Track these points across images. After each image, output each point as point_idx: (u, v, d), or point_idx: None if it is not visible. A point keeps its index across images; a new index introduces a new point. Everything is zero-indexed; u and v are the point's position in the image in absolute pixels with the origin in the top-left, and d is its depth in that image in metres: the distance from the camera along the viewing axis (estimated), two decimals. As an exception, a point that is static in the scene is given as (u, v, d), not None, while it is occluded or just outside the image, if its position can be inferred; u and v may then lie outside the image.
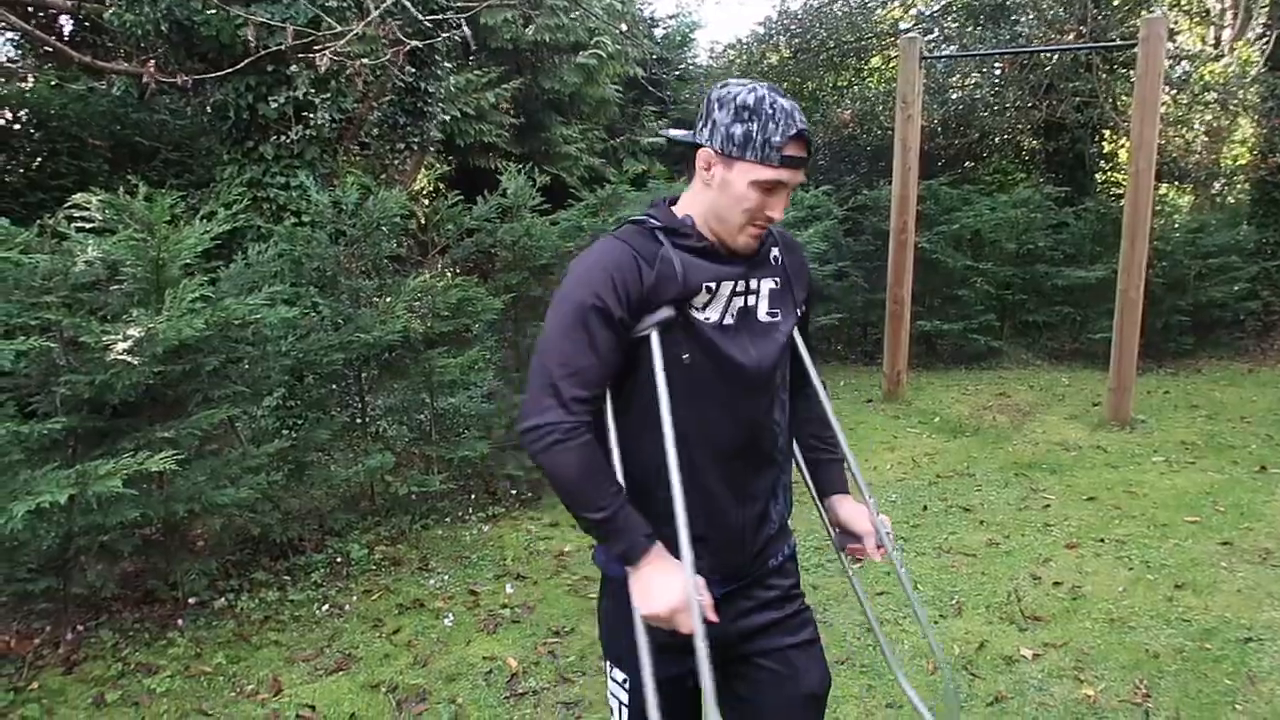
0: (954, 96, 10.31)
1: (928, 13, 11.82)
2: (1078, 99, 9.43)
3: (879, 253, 8.87)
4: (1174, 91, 10.24)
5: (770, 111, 1.53)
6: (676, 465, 1.53)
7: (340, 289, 4.55)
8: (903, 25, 11.88)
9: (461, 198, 5.40)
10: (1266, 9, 10.56)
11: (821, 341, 9.15)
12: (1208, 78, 10.46)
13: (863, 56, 12.08)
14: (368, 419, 4.68)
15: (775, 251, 1.71)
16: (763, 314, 1.67)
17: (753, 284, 1.65)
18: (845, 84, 12.10)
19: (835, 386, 8.01)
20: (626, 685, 1.67)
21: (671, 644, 1.53)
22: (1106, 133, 10.55)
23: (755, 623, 1.69)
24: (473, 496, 4.99)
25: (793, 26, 11.50)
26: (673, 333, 1.58)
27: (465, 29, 5.80)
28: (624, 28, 10.48)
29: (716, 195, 1.59)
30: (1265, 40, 10.46)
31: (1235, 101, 10.18)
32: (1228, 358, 9.41)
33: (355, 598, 3.90)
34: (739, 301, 1.63)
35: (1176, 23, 11.84)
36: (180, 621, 3.60)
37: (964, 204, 9.13)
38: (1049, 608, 3.81)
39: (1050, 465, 5.78)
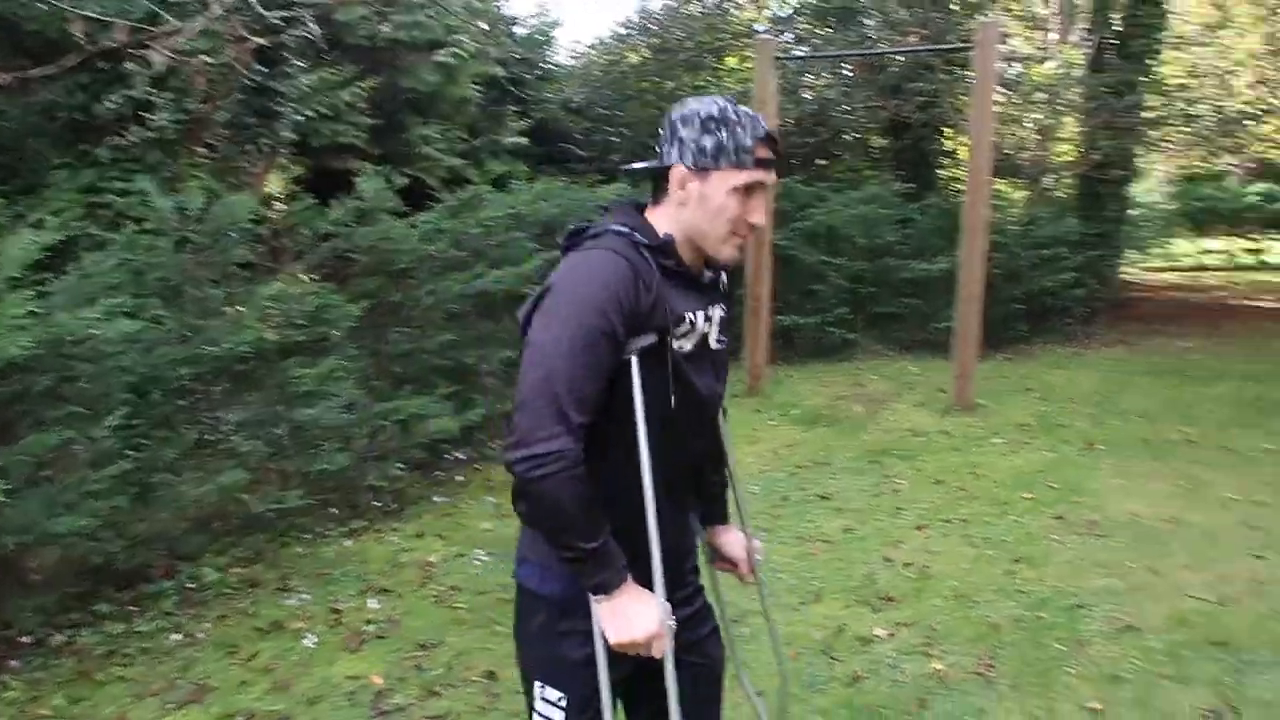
0: (807, 96, 10.66)
1: (781, 14, 12.17)
2: (921, 99, 9.91)
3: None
4: (1008, 92, 10.90)
5: (736, 118, 1.57)
6: (653, 492, 1.57)
7: (186, 299, 4.34)
8: (757, 26, 12.21)
9: (317, 201, 5.24)
10: (1087, 15, 11.37)
11: (687, 337, 9.30)
12: (1037, 79, 11.16)
13: (720, 57, 12.34)
14: (219, 435, 4.49)
15: (724, 277, 1.75)
16: (713, 341, 1.71)
17: (710, 312, 1.68)
18: (704, 84, 12.33)
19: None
20: (563, 703, 1.66)
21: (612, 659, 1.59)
22: (948, 131, 11.11)
23: (679, 617, 1.76)
24: (333, 511, 4.86)
25: (652, 26, 11.64)
26: (648, 360, 1.57)
27: (314, 26, 5.62)
28: (484, 26, 10.37)
29: (695, 211, 1.60)
30: (1087, 44, 11.27)
31: (1061, 102, 10.91)
32: (1057, 343, 10.10)
33: (209, 624, 3.74)
34: (701, 330, 1.66)
35: (1008, 27, 12.58)
36: (14, 663, 3.38)
37: (818, 201, 9.45)
38: (901, 588, 4.02)
39: (901, 451, 6.08)
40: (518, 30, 13.52)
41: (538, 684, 1.69)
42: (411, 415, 4.85)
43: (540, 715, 1.69)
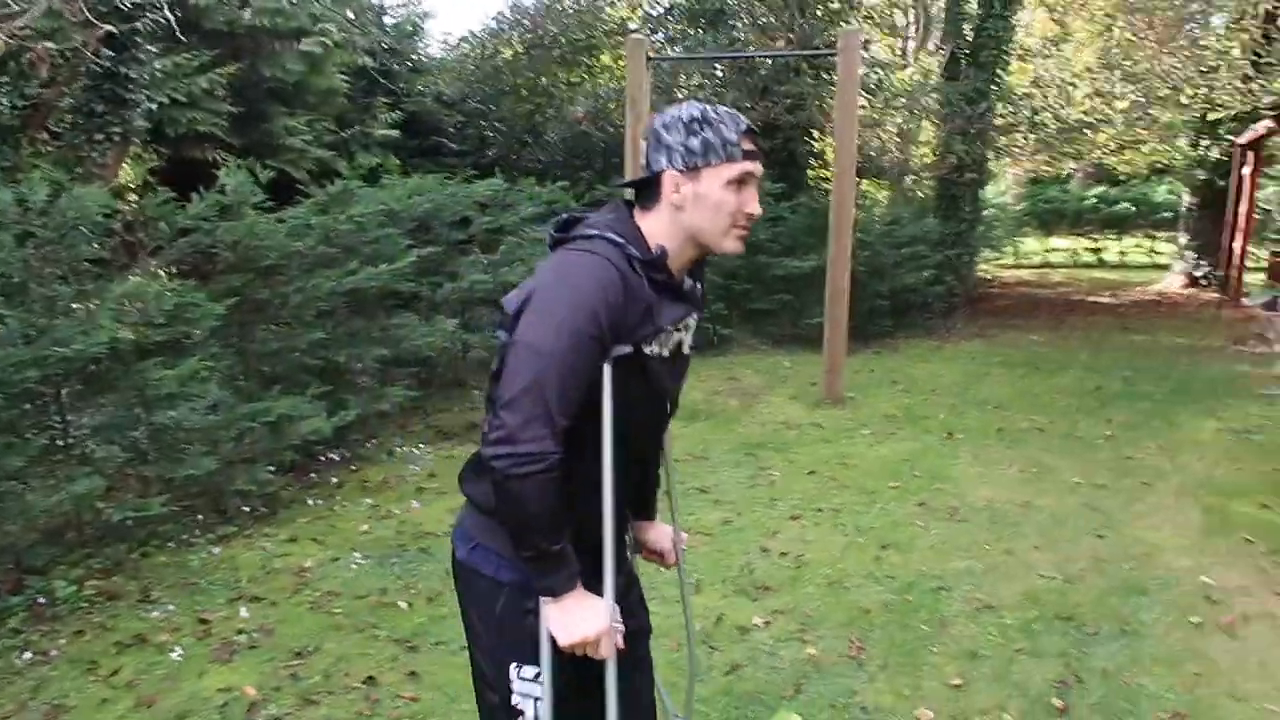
0: (680, 96, 10.81)
1: (653, 14, 12.29)
2: (789, 101, 10.19)
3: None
4: (870, 97, 11.34)
5: (717, 116, 1.62)
6: (613, 494, 1.62)
7: (31, 297, 4.07)
8: (631, 25, 12.29)
9: (174, 194, 4.98)
10: (942, 26, 11.94)
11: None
12: (897, 84, 11.66)
13: (593, 54, 12.37)
14: (71, 440, 4.23)
15: (700, 287, 1.79)
16: (686, 348, 1.76)
17: (689, 320, 1.73)
18: (578, 80, 12.34)
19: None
20: (542, 678, 1.68)
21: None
22: (815, 133, 11.47)
23: (630, 600, 1.88)
24: (200, 517, 4.65)
25: (525, 21, 11.57)
26: (620, 367, 1.60)
27: (166, 12, 5.34)
28: (350, 15, 10.08)
29: (693, 211, 1.62)
30: (941, 53, 11.83)
31: (919, 107, 11.43)
32: (919, 337, 10.59)
33: (64, 640, 3.52)
34: (677, 337, 1.70)
35: (869, 35, 13.09)
36: None
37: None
38: (777, 577, 4.15)
39: (776, 444, 6.26)
40: (387, 20, 13.21)
41: (514, 666, 1.70)
42: (281, 416, 4.69)
43: (521, 695, 1.70)
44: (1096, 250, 19.63)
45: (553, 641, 1.63)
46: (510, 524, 1.56)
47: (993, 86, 11.27)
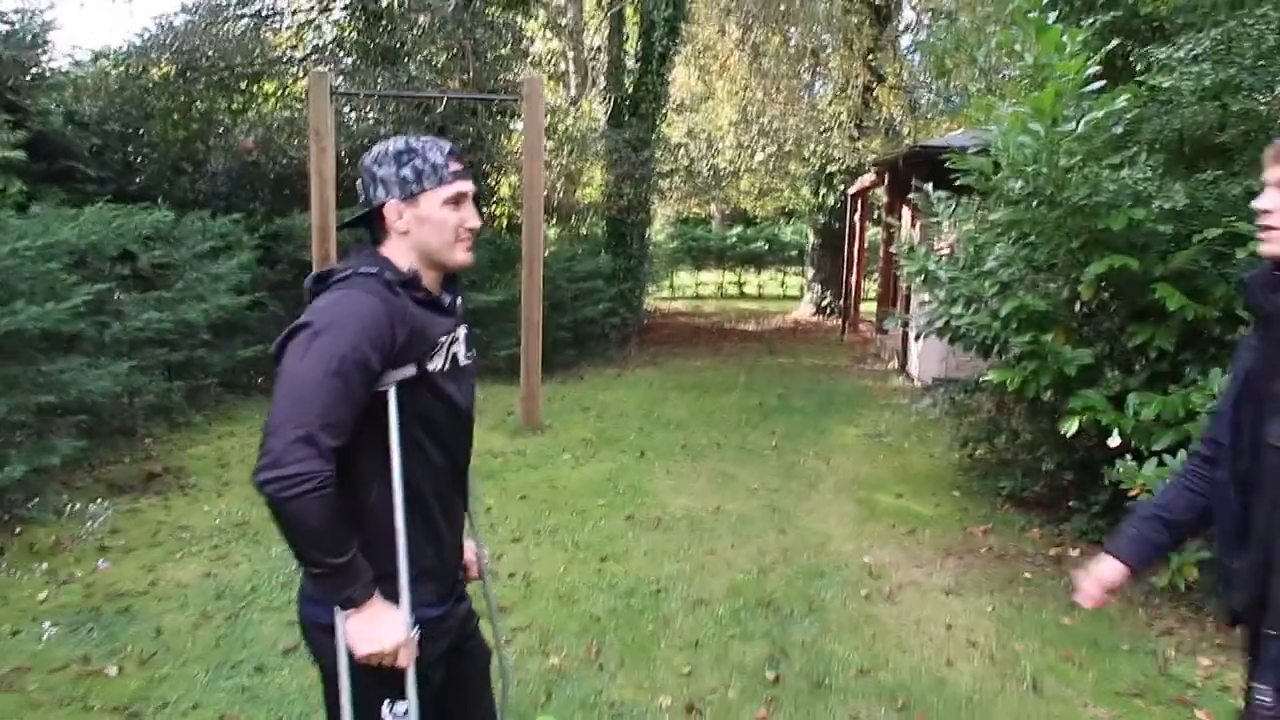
0: (357, 129, 10.63)
1: (320, 43, 11.97)
2: (468, 140, 10.43)
3: (295, 282, 8.80)
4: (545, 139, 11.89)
5: (421, 145, 1.75)
6: (405, 510, 1.70)
7: None
8: (297, 54, 11.88)
9: None
10: (605, 78, 12.84)
11: (240, 375, 8.75)
12: (571, 129, 12.33)
13: (257, 82, 11.77)
14: None
15: (458, 300, 1.88)
16: (463, 358, 1.85)
17: (456, 332, 1.81)
18: (240, 108, 11.66)
19: (263, 419, 7.76)
20: (411, 707, 1.72)
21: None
22: (492, 171, 11.79)
23: (464, 621, 1.98)
24: None
25: (175, 42, 10.75)
26: (411, 386, 1.68)
27: None
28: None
29: (418, 234, 1.74)
30: (605, 103, 12.72)
31: (590, 151, 12.18)
32: (600, 365, 11.24)
33: None
34: (452, 349, 1.79)
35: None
36: None
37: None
38: (511, 597, 4.31)
39: (484, 472, 6.40)
40: (1, 27, 11.62)
41: (386, 704, 1.73)
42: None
43: None
44: (739, 284, 21.93)
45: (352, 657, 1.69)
46: (294, 545, 1.60)
47: (653, 135, 12.31)
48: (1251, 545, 1.78)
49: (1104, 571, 2.03)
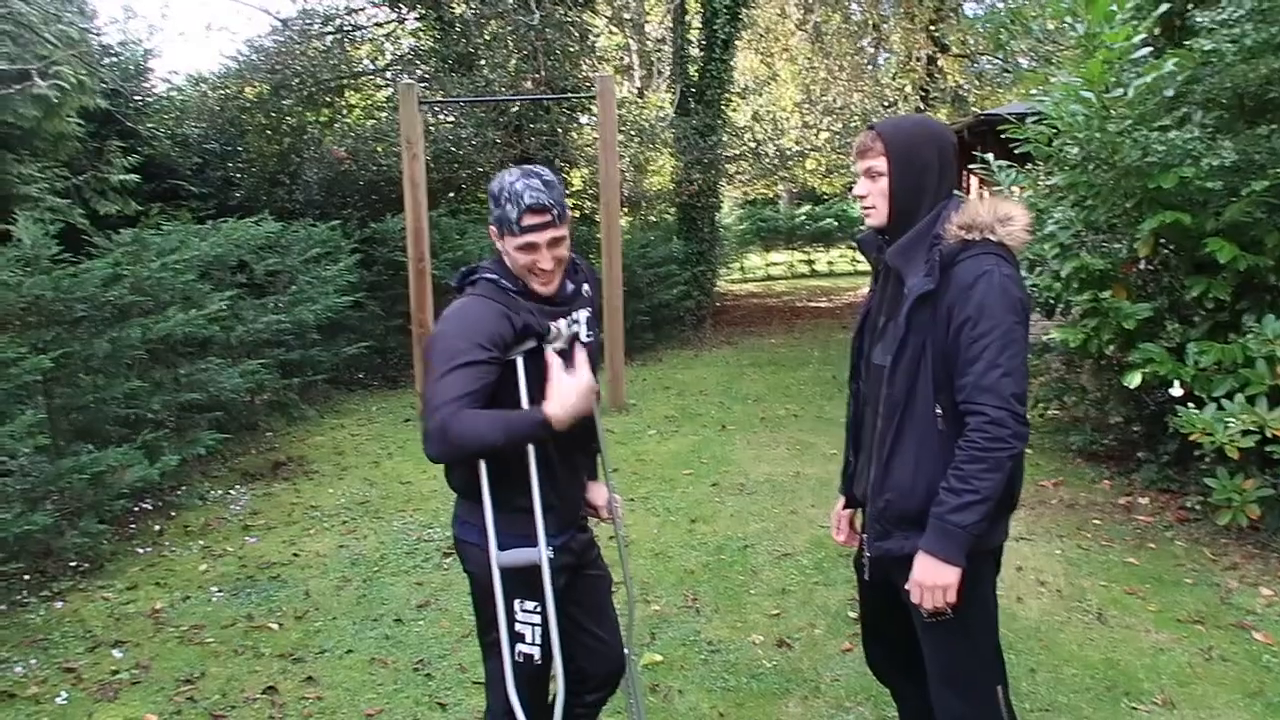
0: (438, 133, 11.19)
1: (399, 56, 12.58)
2: (543, 137, 10.90)
3: (392, 282, 9.40)
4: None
5: (509, 195, 2.07)
6: (535, 450, 2.14)
7: None
8: (378, 64, 12.52)
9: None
10: (670, 67, 13.18)
11: (345, 371, 9.40)
12: (640, 120, 12.71)
13: (341, 94, 12.45)
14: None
15: (586, 287, 2.29)
16: (584, 336, 2.26)
17: (575, 315, 2.22)
18: (328, 119, 12.35)
19: (369, 411, 8.38)
20: (538, 609, 2.16)
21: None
22: (565, 165, 12.26)
23: (584, 549, 2.41)
24: (26, 578, 4.52)
25: (269, 62, 11.46)
26: (533, 358, 2.11)
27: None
28: (78, 55, 9.59)
29: (508, 260, 2.15)
30: (671, 92, 13.06)
31: (658, 140, 12.55)
32: (677, 347, 11.64)
33: (-75, 708, 3.44)
34: (569, 331, 2.19)
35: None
36: None
37: (461, 234, 10.03)
38: (610, 556, 4.71)
39: (577, 450, 6.85)
40: (108, 60, 12.51)
41: (516, 602, 2.16)
42: (106, 468, 4.65)
43: (525, 625, 2.17)
44: (810, 262, 22.04)
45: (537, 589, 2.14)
46: (483, 452, 2.04)
47: (719, 121, 12.62)
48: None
49: None
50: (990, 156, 6.14)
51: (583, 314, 2.27)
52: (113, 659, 3.79)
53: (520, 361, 2.12)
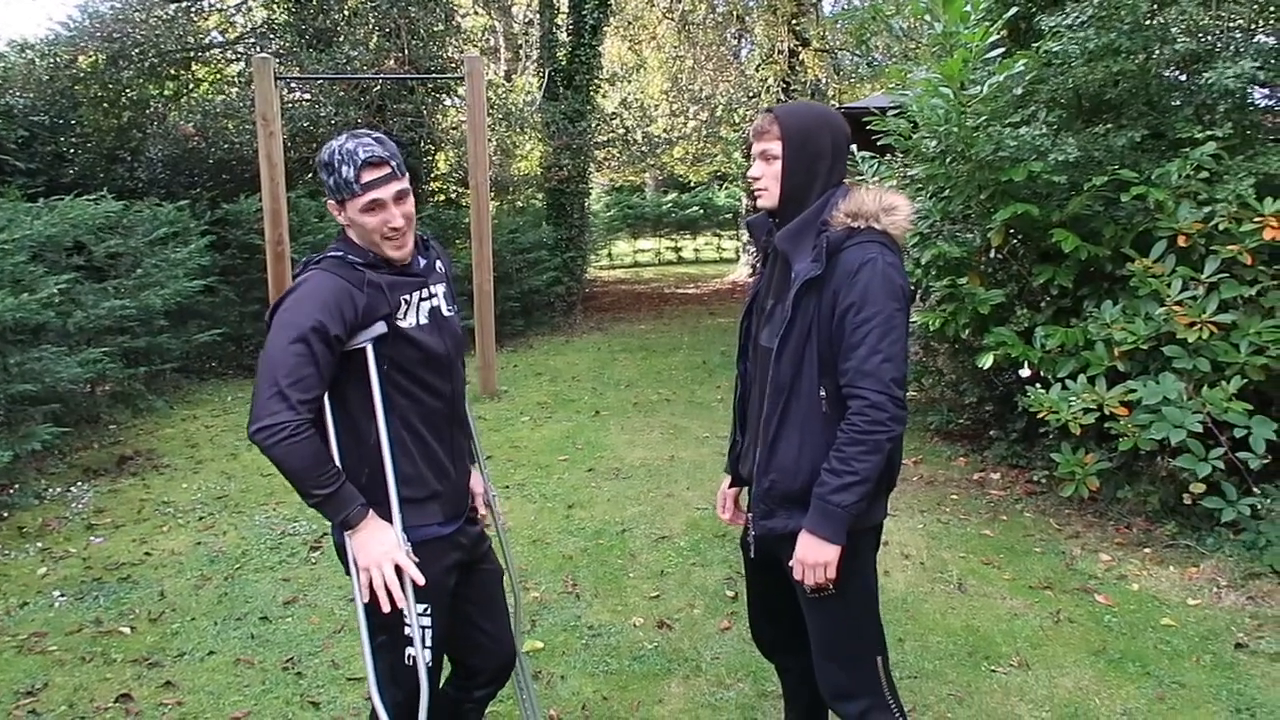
0: (296, 111, 10.70)
1: (251, 29, 11.96)
2: (407, 119, 10.59)
3: (247, 265, 8.95)
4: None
5: (341, 156, 1.97)
6: (389, 442, 2.03)
7: None
8: (227, 37, 11.86)
9: None
10: (538, 51, 13.03)
11: (197, 360, 8.90)
12: (508, 104, 12.52)
13: (188, 67, 11.74)
14: None
15: (439, 262, 2.19)
16: (445, 310, 2.17)
17: (432, 289, 2.12)
18: (174, 94, 11.63)
19: (224, 402, 7.97)
20: (429, 611, 2.08)
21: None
22: (431, 147, 11.96)
23: (475, 542, 2.30)
24: None
25: (105, 30, 10.68)
26: (385, 341, 2.01)
27: None
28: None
29: (355, 230, 2.04)
30: (539, 76, 12.92)
31: (526, 124, 12.40)
32: (547, 333, 11.57)
33: None
34: (427, 305, 2.10)
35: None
36: None
37: (320, 217, 9.62)
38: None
39: (449, 438, 6.72)
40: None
41: (409, 605, 2.06)
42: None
43: (418, 629, 2.08)
44: (677, 249, 22.32)
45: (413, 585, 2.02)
46: (290, 481, 1.92)
47: (588, 107, 12.57)
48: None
49: None
50: (854, 147, 6.34)
51: (439, 288, 2.19)
52: (-60, 674, 3.47)
53: (370, 350, 2.02)
